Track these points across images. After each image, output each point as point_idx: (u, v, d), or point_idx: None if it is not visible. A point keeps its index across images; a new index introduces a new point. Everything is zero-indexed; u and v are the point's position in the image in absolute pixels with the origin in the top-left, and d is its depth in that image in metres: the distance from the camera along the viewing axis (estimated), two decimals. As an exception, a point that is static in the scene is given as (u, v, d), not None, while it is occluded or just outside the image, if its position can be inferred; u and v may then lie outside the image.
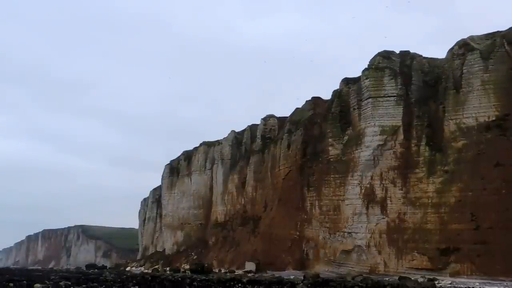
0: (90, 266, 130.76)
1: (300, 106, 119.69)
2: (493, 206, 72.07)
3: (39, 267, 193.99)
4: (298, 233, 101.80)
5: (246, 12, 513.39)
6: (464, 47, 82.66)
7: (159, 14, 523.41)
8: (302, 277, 72.74)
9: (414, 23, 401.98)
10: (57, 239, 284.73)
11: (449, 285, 63.66)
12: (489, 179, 73.66)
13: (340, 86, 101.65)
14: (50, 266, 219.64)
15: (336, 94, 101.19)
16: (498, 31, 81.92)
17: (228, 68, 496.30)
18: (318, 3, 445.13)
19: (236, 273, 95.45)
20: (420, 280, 66.84)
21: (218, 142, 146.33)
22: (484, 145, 75.61)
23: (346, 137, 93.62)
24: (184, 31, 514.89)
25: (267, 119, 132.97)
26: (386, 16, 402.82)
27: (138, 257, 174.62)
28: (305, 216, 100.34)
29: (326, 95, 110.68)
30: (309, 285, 59.00)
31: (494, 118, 76.08)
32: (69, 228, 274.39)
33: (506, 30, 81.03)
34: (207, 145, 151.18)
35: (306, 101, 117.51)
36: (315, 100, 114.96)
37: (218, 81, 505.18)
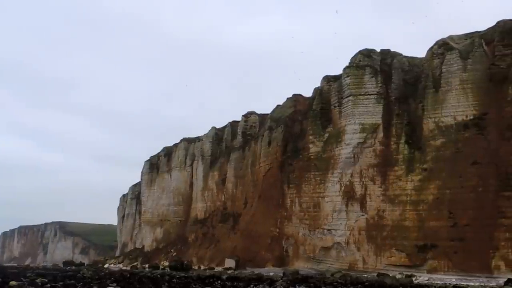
0: (68, 263, 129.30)
1: (281, 103, 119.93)
2: (470, 204, 73.16)
3: (15, 264, 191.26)
4: (278, 230, 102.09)
5: (231, 13, 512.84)
6: (443, 46, 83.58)
7: (146, 14, 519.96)
8: (281, 274, 72.98)
9: (395, 24, 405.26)
10: (33, 235, 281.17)
11: (426, 282, 64.40)
12: (467, 177, 74.72)
13: (321, 83, 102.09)
14: (26, 263, 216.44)
15: (317, 91, 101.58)
16: (476, 31, 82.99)
17: (211, 67, 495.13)
18: (301, 4, 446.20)
19: (215, 270, 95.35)
20: (398, 276, 67.48)
21: (198, 139, 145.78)
22: (462, 144, 76.63)
23: (326, 135, 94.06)
24: (170, 31, 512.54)
25: (248, 116, 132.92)
26: (368, 17, 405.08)
27: (117, 254, 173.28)
28: (285, 213, 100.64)
29: (307, 93, 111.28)
30: (289, 282, 59.17)
31: (472, 117, 77.13)
32: (46, 225, 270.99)
33: (484, 31, 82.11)
34: (188, 141, 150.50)
35: (287, 98, 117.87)
36: (296, 97, 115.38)
37: (201, 79, 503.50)
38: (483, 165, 74.03)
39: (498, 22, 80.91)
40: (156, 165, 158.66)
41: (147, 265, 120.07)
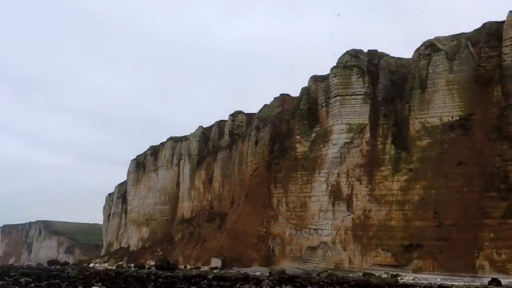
0: (52, 262, 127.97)
1: (268, 102, 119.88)
2: (455, 204, 73.72)
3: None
4: (264, 230, 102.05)
5: (219, 13, 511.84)
6: (430, 47, 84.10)
7: (133, 13, 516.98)
8: (268, 274, 72.96)
9: (383, 25, 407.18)
10: (18, 234, 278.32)
11: (412, 281, 64.71)
12: (452, 177, 75.30)
13: (308, 83, 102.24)
14: (10, 262, 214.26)
15: (305, 91, 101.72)
16: (463, 33, 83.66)
17: (199, 66, 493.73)
18: (290, 5, 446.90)
19: (201, 270, 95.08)
20: (384, 276, 67.78)
21: (185, 138, 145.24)
22: (448, 144, 77.18)
23: (313, 134, 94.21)
24: (157, 30, 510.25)
25: (235, 115, 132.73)
26: (356, 17, 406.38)
27: (102, 253, 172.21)
28: (272, 213, 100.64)
29: (295, 92, 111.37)
30: (275, 282, 59.18)
31: (457, 118, 77.75)
32: (30, 224, 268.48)
33: (470, 32, 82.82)
34: (174, 140, 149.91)
35: (275, 98, 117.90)
36: (283, 97, 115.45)
37: (189, 79, 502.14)
38: (468, 166, 74.66)
39: (484, 24, 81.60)
40: (142, 164, 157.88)
41: (132, 265, 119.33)
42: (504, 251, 66.90)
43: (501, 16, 79.58)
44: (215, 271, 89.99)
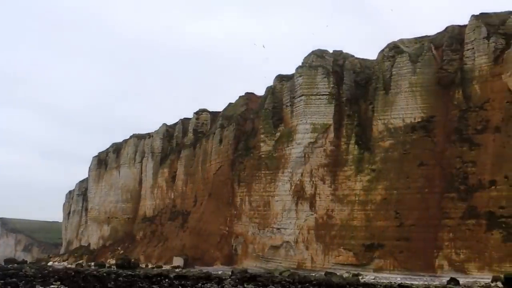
0: (9, 260, 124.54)
1: (233, 101, 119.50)
2: (416, 204, 74.91)
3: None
4: (227, 229, 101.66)
5: (185, 12, 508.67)
6: (394, 49, 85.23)
7: (98, 10, 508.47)
8: (230, 273, 72.58)
9: (349, 28, 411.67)
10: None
11: (372, 280, 65.30)
12: (413, 178, 76.47)
13: (273, 82, 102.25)
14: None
15: (270, 90, 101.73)
16: (426, 36, 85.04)
17: (164, 64, 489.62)
18: (256, 5, 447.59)
19: (163, 269, 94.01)
20: (345, 275, 68.23)
21: (149, 135, 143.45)
22: (410, 145, 78.34)
23: (278, 134, 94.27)
24: (123, 28, 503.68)
25: (199, 113, 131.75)
26: (321, 17, 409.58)
27: (61, 251, 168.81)
28: (235, 212, 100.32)
29: (260, 91, 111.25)
30: (237, 281, 58.87)
31: (419, 120, 78.99)
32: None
33: (433, 35, 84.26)
34: (138, 137, 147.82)
35: (240, 96, 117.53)
36: (249, 96, 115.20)
37: (154, 77, 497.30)
38: (429, 167, 75.97)
39: (447, 28, 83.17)
40: (104, 161, 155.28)
41: (92, 263, 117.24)
42: (463, 251, 68.30)
43: (464, 20, 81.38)
44: (176, 270, 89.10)
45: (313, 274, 71.37)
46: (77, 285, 52.14)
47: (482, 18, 77.87)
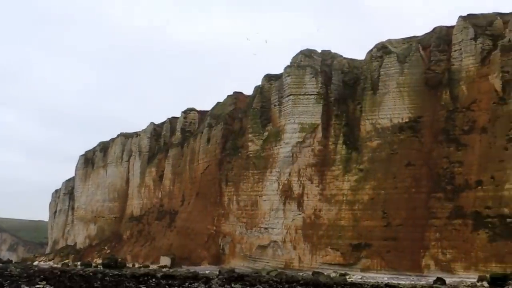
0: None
1: (221, 100, 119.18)
2: (403, 204, 75.20)
3: None
4: (215, 228, 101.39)
5: (175, 11, 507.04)
6: (382, 50, 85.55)
7: (86, 7, 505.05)
8: (217, 272, 72.34)
9: (338, 29, 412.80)
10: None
11: (360, 280, 65.39)
12: (401, 178, 76.75)
13: (262, 82, 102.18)
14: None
15: (258, 90, 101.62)
16: (414, 36, 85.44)
17: (152, 63, 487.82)
18: (245, 5, 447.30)
19: (150, 268, 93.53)
20: (333, 275, 68.26)
21: (136, 134, 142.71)
22: (397, 146, 78.62)
23: (266, 133, 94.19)
24: (111, 26, 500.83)
25: (187, 112, 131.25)
26: (310, 17, 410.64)
27: (47, 251, 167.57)
28: (223, 211, 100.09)
29: (248, 91, 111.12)
30: (224, 280, 58.65)
31: (407, 120, 79.33)
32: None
33: (421, 36, 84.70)
34: (125, 136, 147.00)
35: (228, 95, 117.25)
36: (237, 95, 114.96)
37: (142, 76, 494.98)
38: (416, 167, 76.30)
39: (434, 28, 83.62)
40: (91, 160, 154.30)
41: (79, 263, 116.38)
42: (449, 250, 68.70)
43: (451, 21, 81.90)
44: (164, 269, 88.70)
45: (301, 274, 71.28)
46: (63, 285, 51.62)
47: (469, 19, 78.41)
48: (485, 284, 55.80)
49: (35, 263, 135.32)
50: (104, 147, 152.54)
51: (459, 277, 63.13)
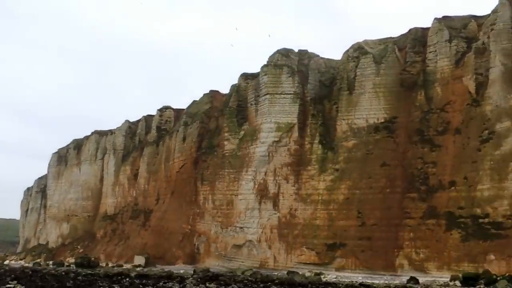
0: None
1: (197, 99, 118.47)
2: (378, 204, 75.72)
3: None
4: (190, 227, 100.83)
5: (151, 9, 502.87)
6: (358, 50, 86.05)
7: (63, 6, 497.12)
8: (192, 272, 71.89)
9: (314, 29, 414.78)
10: None
11: (334, 279, 65.63)
12: (376, 178, 77.26)
13: (238, 81, 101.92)
14: None
15: (235, 88, 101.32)
16: (390, 37, 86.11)
17: (128, 61, 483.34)
18: (222, 3, 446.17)
19: (124, 268, 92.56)
20: (308, 274, 68.36)
21: (111, 132, 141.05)
22: (373, 146, 79.14)
23: (242, 132, 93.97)
24: (86, 23, 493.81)
25: (163, 110, 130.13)
26: (288, 17, 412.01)
27: (19, 250, 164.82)
28: (198, 210, 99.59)
29: (224, 89, 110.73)
30: (199, 280, 58.28)
31: (382, 120, 79.92)
32: None
33: (397, 37, 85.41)
34: (99, 134, 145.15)
35: (204, 94, 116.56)
36: (213, 94, 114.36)
37: (117, 74, 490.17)
38: (391, 167, 76.91)
39: (410, 30, 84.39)
40: (64, 158, 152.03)
41: (51, 262, 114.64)
42: (423, 250, 69.43)
43: (427, 23, 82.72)
44: (138, 269, 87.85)
45: (276, 273, 71.25)
46: (35, 285, 50.73)
47: (444, 22, 79.35)
48: (458, 283, 56.50)
49: (6, 262, 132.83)
50: (77, 144, 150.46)
51: (432, 277, 63.86)
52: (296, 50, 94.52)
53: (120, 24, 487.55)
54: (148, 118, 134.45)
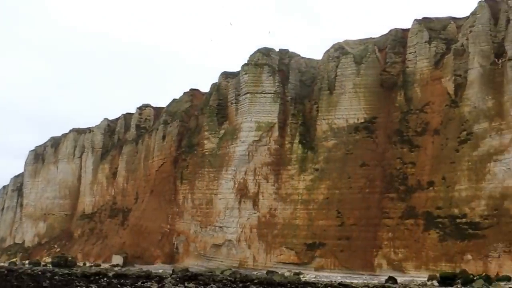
0: None
1: (177, 97, 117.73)
2: (357, 204, 76.05)
3: None
4: (169, 226, 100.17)
5: (130, 6, 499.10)
6: (339, 50, 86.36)
7: (44, 4, 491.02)
8: (170, 271, 71.40)
9: (295, 29, 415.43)
10: None
11: (313, 279, 65.69)
12: (355, 178, 77.59)
13: (219, 79, 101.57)
14: None
15: (215, 87, 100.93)
16: (371, 38, 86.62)
17: (107, 59, 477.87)
18: (204, 3, 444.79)
19: (102, 267, 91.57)
20: (287, 274, 68.35)
21: (89, 130, 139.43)
22: (352, 146, 79.47)
23: (222, 131, 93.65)
24: (67, 20, 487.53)
25: (142, 108, 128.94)
26: (268, 18, 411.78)
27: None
28: (177, 209, 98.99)
29: (205, 88, 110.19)
30: (178, 279, 57.87)
31: (362, 120, 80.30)
32: None
33: (378, 38, 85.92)
34: (77, 132, 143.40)
35: (184, 92, 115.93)
36: (193, 92, 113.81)
37: (96, 72, 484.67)
38: (370, 167, 77.29)
39: (390, 31, 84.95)
40: (41, 156, 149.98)
41: (27, 261, 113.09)
42: (401, 250, 69.86)
43: (407, 24, 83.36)
44: (116, 268, 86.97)
45: (255, 273, 71.05)
46: (10, 284, 49.95)
47: (424, 23, 79.99)
48: (435, 283, 56.97)
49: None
50: (55, 142, 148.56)
51: (410, 276, 64.23)
52: (277, 50, 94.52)
53: (99, 23, 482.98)
54: (127, 116, 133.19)
